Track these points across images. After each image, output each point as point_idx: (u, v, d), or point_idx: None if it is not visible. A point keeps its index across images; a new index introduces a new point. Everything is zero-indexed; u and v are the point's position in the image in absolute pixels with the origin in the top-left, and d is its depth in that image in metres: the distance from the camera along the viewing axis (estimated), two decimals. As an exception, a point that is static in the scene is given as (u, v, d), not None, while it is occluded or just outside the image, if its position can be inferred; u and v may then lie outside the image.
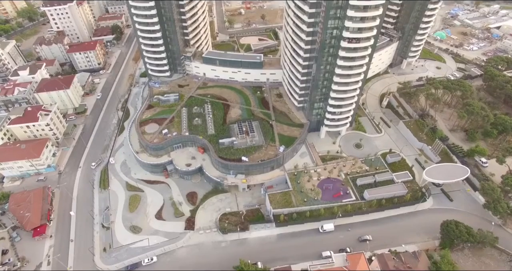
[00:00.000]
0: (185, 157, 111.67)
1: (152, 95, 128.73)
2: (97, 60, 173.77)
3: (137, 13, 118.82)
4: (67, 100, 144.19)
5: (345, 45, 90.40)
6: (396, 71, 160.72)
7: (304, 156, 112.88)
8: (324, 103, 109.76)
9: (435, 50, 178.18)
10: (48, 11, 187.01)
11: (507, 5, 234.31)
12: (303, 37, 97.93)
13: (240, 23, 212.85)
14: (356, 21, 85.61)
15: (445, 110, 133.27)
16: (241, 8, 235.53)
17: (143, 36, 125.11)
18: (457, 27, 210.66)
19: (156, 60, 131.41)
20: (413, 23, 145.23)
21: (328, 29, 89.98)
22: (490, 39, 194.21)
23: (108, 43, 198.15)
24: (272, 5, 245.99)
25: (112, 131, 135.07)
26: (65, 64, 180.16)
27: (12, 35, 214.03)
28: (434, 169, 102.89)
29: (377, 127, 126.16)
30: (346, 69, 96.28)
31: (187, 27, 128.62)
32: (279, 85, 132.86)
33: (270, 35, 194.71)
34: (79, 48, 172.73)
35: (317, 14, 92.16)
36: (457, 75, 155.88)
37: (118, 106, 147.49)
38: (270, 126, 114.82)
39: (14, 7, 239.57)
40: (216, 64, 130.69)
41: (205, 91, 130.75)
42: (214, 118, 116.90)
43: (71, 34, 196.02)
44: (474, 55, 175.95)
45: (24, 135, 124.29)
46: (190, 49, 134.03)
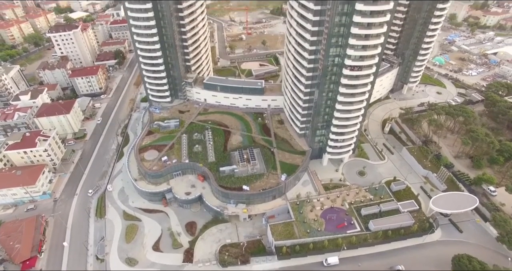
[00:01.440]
0: (184, 185, 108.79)
1: (153, 120, 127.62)
2: (98, 85, 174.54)
3: (139, 40, 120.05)
4: (66, 125, 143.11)
5: (347, 73, 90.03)
6: (397, 96, 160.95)
7: (306, 184, 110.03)
8: (326, 130, 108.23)
9: (435, 75, 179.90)
10: (53, 37, 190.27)
11: (501, 33, 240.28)
12: (305, 64, 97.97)
13: (241, 49, 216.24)
14: (357, 49, 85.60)
15: (448, 136, 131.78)
16: (242, 34, 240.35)
17: (144, 62, 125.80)
18: (455, 52, 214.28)
19: (157, 85, 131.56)
20: (412, 49, 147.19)
21: (329, 56, 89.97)
22: (488, 65, 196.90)
23: (110, 67, 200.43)
24: (272, 31, 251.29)
25: (111, 157, 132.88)
26: (67, 88, 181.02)
27: (17, 59, 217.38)
28: (441, 198, 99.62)
29: (380, 154, 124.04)
30: (349, 96, 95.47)
31: (189, 53, 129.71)
32: (280, 111, 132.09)
33: (271, 60, 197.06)
34: (81, 73, 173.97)
35: (318, 42, 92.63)
36: (458, 100, 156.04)
37: (118, 131, 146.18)
38: (272, 153, 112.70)
39: (22, 33, 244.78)
40: (217, 90, 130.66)
41: (206, 117, 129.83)
42: (214, 145, 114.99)
43: (75, 59, 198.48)
44: (474, 80, 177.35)
45: (21, 161, 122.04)
46: (191, 74, 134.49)
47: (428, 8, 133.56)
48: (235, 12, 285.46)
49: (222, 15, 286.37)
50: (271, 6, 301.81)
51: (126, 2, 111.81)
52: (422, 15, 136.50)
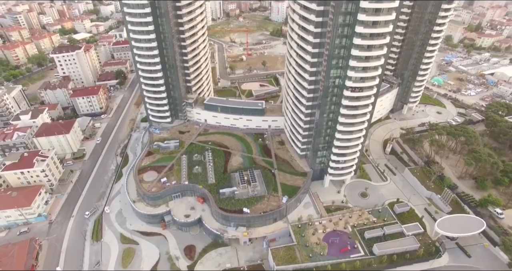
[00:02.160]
0: (184, 207, 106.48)
1: (152, 141, 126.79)
2: (99, 105, 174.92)
3: (141, 61, 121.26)
4: (66, 145, 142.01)
5: (348, 94, 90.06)
6: (397, 116, 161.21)
7: (308, 206, 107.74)
8: (328, 151, 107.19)
9: (434, 95, 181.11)
10: (57, 57, 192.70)
11: (496, 54, 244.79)
12: (305, 85, 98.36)
13: (242, 69, 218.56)
14: (358, 71, 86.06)
15: (450, 156, 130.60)
16: (242, 55, 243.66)
17: (145, 83, 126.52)
18: (452, 73, 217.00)
19: (158, 106, 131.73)
20: (411, 70, 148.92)
21: (330, 78, 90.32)
22: (486, 85, 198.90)
23: (111, 87, 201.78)
24: (272, 51, 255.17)
25: (109, 177, 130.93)
26: (68, 108, 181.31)
27: (20, 79, 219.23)
28: (447, 220, 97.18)
29: (382, 175, 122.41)
30: (350, 117, 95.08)
31: (190, 74, 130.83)
32: (281, 132, 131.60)
33: (271, 81, 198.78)
34: (82, 92, 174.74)
35: (319, 63, 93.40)
36: (458, 120, 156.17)
37: (117, 151, 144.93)
38: (272, 175, 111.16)
39: (26, 54, 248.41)
40: (218, 110, 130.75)
41: (206, 137, 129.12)
42: (214, 166, 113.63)
43: (76, 79, 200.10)
44: (473, 100, 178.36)
45: (17, 181, 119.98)
46: (192, 95, 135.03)
47: (426, 30, 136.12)
48: (235, 34, 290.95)
49: (222, 37, 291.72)
50: (271, 28, 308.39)
51: (129, 24, 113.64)
52: (420, 37, 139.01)
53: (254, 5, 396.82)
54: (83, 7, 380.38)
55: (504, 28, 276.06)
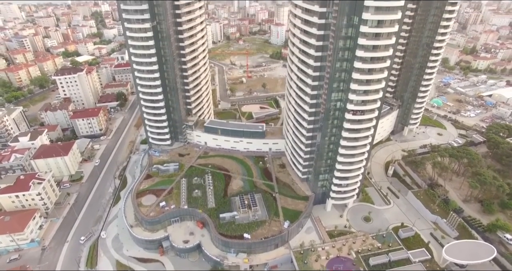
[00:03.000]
0: (182, 232, 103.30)
1: (152, 164, 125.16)
2: (99, 126, 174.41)
3: (141, 83, 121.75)
4: (63, 167, 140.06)
5: (349, 117, 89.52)
6: (398, 138, 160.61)
7: (310, 231, 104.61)
8: (330, 174, 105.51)
9: (434, 116, 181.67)
10: (58, 79, 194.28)
11: (492, 76, 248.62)
12: (306, 108, 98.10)
13: (242, 91, 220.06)
14: (359, 94, 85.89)
15: (454, 178, 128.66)
16: (242, 77, 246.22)
17: (146, 105, 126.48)
18: (451, 94, 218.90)
19: (158, 128, 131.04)
20: (411, 92, 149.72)
21: (331, 101, 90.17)
22: (485, 106, 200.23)
23: (112, 109, 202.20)
24: (272, 74, 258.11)
25: (107, 201, 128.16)
26: (67, 129, 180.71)
27: (21, 101, 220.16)
28: (455, 246, 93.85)
29: (385, 198, 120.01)
30: (352, 140, 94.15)
31: (190, 96, 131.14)
32: (281, 155, 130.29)
33: (271, 103, 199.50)
34: (82, 114, 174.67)
35: (320, 86, 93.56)
36: (459, 142, 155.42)
37: (116, 174, 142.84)
38: (274, 199, 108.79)
39: (29, 76, 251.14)
40: (218, 133, 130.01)
41: (206, 160, 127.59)
42: (214, 190, 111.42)
43: (77, 100, 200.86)
44: (473, 122, 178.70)
45: (11, 205, 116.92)
46: (192, 117, 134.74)
47: (423, 53, 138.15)
48: (235, 56, 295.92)
49: (223, 59, 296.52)
50: (270, 50, 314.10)
51: (131, 48, 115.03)
52: (418, 60, 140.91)
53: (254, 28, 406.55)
54: (87, 31, 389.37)
55: (498, 51, 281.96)
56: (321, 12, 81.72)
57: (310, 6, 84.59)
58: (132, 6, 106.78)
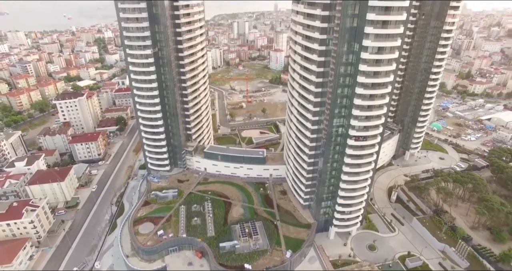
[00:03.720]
0: (181, 262, 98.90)
1: (150, 190, 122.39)
2: (97, 151, 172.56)
3: (142, 109, 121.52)
4: (59, 193, 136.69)
5: (352, 143, 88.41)
6: (400, 162, 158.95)
7: (313, 261, 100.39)
8: (332, 201, 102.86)
9: (435, 140, 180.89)
10: (59, 104, 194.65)
11: (489, 100, 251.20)
12: (308, 134, 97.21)
13: (242, 116, 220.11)
14: (361, 120, 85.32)
15: (459, 204, 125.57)
16: (242, 102, 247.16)
17: (145, 130, 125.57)
18: (450, 118, 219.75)
19: (157, 154, 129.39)
20: (411, 116, 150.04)
21: (333, 127, 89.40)
22: (484, 130, 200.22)
23: (111, 133, 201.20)
24: (272, 99, 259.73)
25: (102, 228, 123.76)
26: (65, 154, 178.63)
27: (21, 125, 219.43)
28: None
29: (390, 225, 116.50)
30: (355, 167, 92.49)
31: (190, 122, 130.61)
32: (282, 181, 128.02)
33: (271, 128, 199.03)
34: (81, 139, 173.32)
35: (321, 112, 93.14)
36: (462, 166, 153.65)
37: (113, 200, 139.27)
38: (275, 227, 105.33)
39: (30, 100, 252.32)
40: (218, 159, 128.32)
41: (206, 187, 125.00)
42: (214, 218, 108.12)
43: (77, 125, 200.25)
44: (474, 146, 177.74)
45: (1, 234, 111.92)
46: (192, 143, 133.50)
47: (422, 78, 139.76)
48: (235, 81, 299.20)
49: (223, 84, 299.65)
50: (269, 75, 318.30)
51: (132, 73, 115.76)
52: (417, 84, 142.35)
53: (253, 54, 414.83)
54: (90, 56, 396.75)
55: (493, 76, 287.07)
56: (321, 39, 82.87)
57: (310, 33, 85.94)
58: (134, 33, 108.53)
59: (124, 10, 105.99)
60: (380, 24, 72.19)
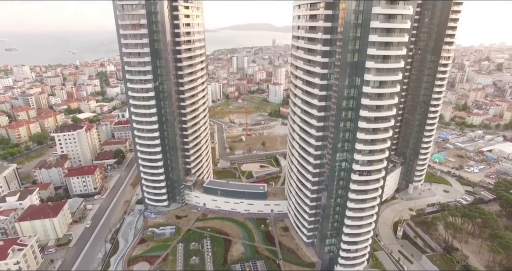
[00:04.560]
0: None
1: (147, 227, 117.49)
2: (93, 185, 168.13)
3: (140, 143, 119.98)
4: (51, 230, 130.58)
5: (356, 178, 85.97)
6: (403, 196, 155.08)
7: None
8: (337, 238, 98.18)
9: (437, 172, 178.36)
10: (57, 136, 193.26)
11: (488, 131, 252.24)
12: (310, 169, 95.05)
13: (241, 150, 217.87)
14: (365, 154, 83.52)
15: (470, 240, 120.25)
16: (242, 135, 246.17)
17: (143, 164, 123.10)
18: (451, 150, 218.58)
19: (155, 188, 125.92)
20: (412, 149, 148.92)
21: (336, 161, 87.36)
22: (487, 162, 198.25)
23: (108, 166, 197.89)
24: (271, 132, 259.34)
25: (95, 268, 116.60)
26: (61, 187, 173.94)
27: (17, 157, 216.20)
28: None
29: (398, 264, 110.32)
30: (359, 202, 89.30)
31: (190, 156, 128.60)
32: (284, 217, 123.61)
33: (271, 161, 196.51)
34: (77, 172, 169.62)
35: (323, 146, 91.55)
36: (468, 199, 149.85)
37: (108, 237, 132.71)
38: (277, 266, 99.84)
39: (29, 132, 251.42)
40: (218, 194, 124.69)
41: (205, 223, 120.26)
42: (213, 257, 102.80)
43: (74, 157, 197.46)
44: (478, 178, 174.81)
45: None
46: (191, 177, 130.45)
47: (422, 110, 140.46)
48: (234, 114, 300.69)
49: (222, 117, 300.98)
50: (269, 109, 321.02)
51: (132, 107, 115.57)
52: (417, 117, 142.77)
53: (252, 88, 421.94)
54: (91, 89, 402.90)
55: (489, 107, 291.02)
56: (322, 73, 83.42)
57: (311, 68, 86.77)
58: (136, 67, 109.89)
59: (126, 45, 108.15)
60: (381, 58, 72.95)
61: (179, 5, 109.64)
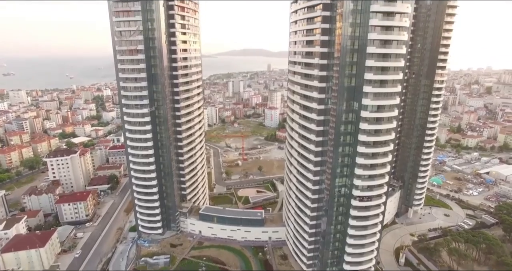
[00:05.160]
0: None
1: (140, 256, 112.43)
2: (85, 212, 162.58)
3: (135, 168, 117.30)
4: (36, 261, 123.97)
5: (356, 204, 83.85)
6: (404, 220, 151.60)
7: None
8: (338, 267, 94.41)
9: (437, 196, 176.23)
10: (50, 161, 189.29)
11: (483, 153, 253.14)
12: (309, 195, 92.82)
13: (238, 174, 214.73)
14: (365, 179, 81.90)
15: (475, 267, 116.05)
16: (238, 160, 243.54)
17: (138, 191, 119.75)
18: (449, 172, 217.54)
19: (149, 216, 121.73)
20: (411, 172, 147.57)
21: (336, 187, 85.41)
22: (485, 184, 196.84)
23: (102, 192, 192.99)
24: (268, 156, 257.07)
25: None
26: (51, 215, 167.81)
27: (7, 183, 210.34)
28: None
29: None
30: (360, 229, 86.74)
31: (185, 182, 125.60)
32: (283, 244, 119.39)
33: (268, 186, 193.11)
34: (69, 198, 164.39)
35: (322, 172, 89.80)
36: (470, 223, 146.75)
37: (98, 267, 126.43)
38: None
39: (21, 157, 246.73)
40: (214, 221, 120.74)
41: (200, 252, 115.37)
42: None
43: (66, 183, 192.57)
44: (477, 201, 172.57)
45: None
46: (186, 204, 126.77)
47: (418, 133, 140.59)
48: (231, 139, 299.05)
49: (218, 142, 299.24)
50: (265, 133, 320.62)
51: (127, 132, 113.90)
52: (414, 140, 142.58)
53: (248, 112, 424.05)
54: (87, 113, 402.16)
55: (483, 130, 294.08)
56: (320, 98, 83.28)
57: (308, 92, 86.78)
58: (132, 92, 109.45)
59: (123, 70, 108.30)
60: (378, 83, 73.18)
61: (176, 31, 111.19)
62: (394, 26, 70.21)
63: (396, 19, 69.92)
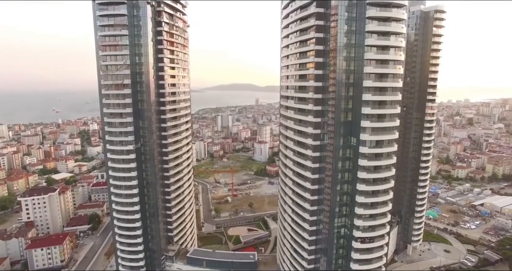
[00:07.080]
0: None
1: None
2: (60, 257, 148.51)
3: (118, 209, 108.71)
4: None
5: (357, 246, 77.63)
6: (403, 258, 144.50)
7: None
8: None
9: (434, 230, 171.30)
10: (24, 201, 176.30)
11: (475, 184, 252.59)
12: (306, 236, 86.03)
13: (227, 212, 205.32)
14: (366, 219, 76.64)
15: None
16: (227, 196, 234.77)
17: (120, 234, 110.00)
18: (443, 205, 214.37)
19: (132, 261, 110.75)
20: (407, 206, 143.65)
21: (335, 228, 79.46)
22: (481, 217, 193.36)
23: (81, 233, 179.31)
24: (258, 191, 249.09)
25: None
26: (19, 261, 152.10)
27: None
28: None
29: None
30: (364, 274, 79.29)
31: (172, 223, 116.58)
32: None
33: (259, 224, 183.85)
34: (42, 242, 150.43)
35: (320, 211, 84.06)
36: (472, 260, 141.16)
37: None
38: None
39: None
40: (203, 265, 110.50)
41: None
42: None
43: (42, 224, 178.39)
44: (476, 234, 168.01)
45: None
46: (173, 247, 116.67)
47: (412, 167, 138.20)
48: (220, 174, 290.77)
49: (207, 177, 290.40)
50: (255, 167, 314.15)
51: (110, 170, 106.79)
52: (409, 173, 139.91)
53: (237, 146, 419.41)
54: (71, 148, 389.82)
55: (471, 160, 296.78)
56: (315, 134, 79.74)
57: (303, 128, 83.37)
58: (117, 128, 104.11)
59: (108, 105, 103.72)
60: (375, 117, 70.54)
61: (165, 66, 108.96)
62: (389, 60, 69.17)
63: (391, 53, 69.06)
